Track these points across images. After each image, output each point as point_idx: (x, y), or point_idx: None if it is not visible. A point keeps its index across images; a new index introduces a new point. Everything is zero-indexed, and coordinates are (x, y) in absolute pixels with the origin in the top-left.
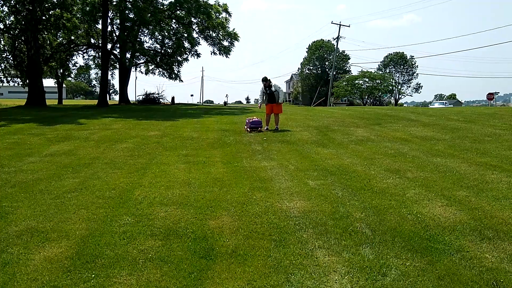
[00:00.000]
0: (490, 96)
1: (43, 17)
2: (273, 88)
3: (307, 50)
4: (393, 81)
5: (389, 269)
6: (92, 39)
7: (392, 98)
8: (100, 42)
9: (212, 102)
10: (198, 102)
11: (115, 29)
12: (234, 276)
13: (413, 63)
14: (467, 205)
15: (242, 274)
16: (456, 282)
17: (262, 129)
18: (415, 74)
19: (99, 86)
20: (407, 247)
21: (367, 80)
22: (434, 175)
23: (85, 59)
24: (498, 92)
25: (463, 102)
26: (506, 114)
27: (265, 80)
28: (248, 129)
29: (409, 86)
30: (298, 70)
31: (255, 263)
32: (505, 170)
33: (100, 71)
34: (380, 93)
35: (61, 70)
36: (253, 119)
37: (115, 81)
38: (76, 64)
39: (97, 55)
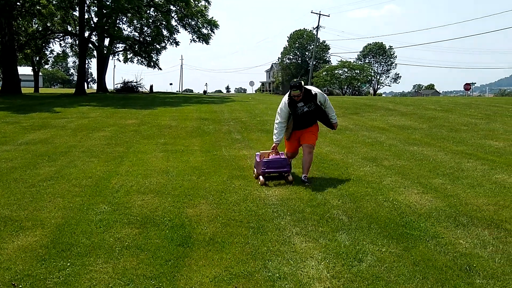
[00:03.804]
0: (467, 86)
1: (18, 3)
2: (318, 101)
3: (287, 39)
4: (372, 71)
5: (365, 255)
6: (69, 26)
7: (371, 88)
8: (77, 29)
9: (191, 91)
10: (177, 91)
11: (92, 16)
12: (212, 263)
13: (391, 53)
14: (443, 192)
15: (220, 261)
16: (431, 267)
17: (289, 177)
18: (393, 65)
19: (76, 74)
20: (383, 234)
21: (346, 70)
22: (410, 163)
23: (62, 46)
24: (475, 83)
25: (441, 92)
26: (482, 104)
27: (298, 88)
28: (261, 177)
29: (388, 77)
30: (278, 60)
31: (233, 250)
32: (480, 158)
33: (77, 59)
34: (359, 83)
35: (37, 58)
36: (271, 156)
37: (93, 70)
38: (53, 52)
39: (74, 42)
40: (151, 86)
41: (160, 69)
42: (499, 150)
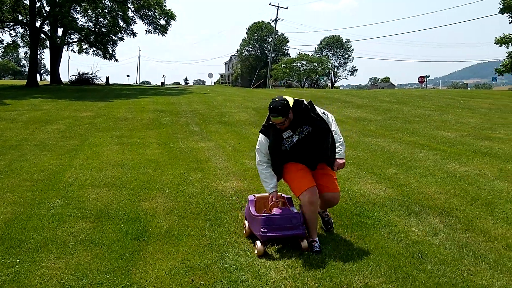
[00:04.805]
0: (421, 79)
1: None
2: (326, 117)
3: (246, 31)
4: (330, 64)
5: (320, 244)
6: (19, 16)
7: (329, 81)
8: (28, 18)
9: (149, 83)
10: (134, 83)
11: (44, 5)
12: (168, 256)
13: (348, 46)
14: (396, 182)
15: (176, 254)
16: (384, 255)
17: (304, 242)
18: (350, 58)
19: (28, 65)
20: (338, 223)
21: (305, 63)
22: (365, 154)
23: (12, 36)
24: (429, 76)
25: (396, 85)
26: (435, 96)
27: (280, 113)
28: (259, 242)
29: (345, 70)
30: (237, 52)
31: (189, 242)
32: (433, 148)
33: (29, 50)
34: (317, 76)
35: None
36: (275, 210)
37: (46, 61)
38: (3, 42)
39: (25, 32)
40: (107, 78)
41: (117, 60)
42: (450, 141)
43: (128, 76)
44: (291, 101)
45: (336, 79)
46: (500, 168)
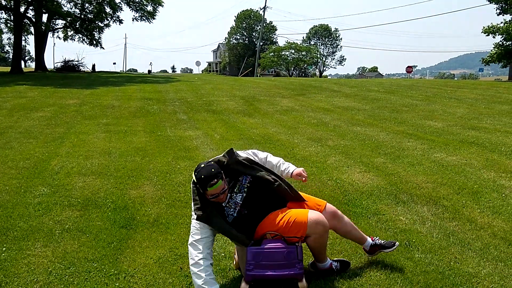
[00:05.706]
0: (409, 69)
1: None
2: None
3: (235, 19)
4: (318, 53)
5: None
6: (3, 1)
7: (317, 70)
8: (12, 3)
9: (136, 70)
10: (121, 71)
11: None
12: (156, 245)
13: (337, 35)
14: (384, 171)
15: (164, 242)
16: None
17: (302, 283)
18: (339, 47)
19: (12, 52)
20: None
21: (293, 51)
22: (353, 143)
23: None
24: (417, 66)
25: (384, 75)
26: (422, 86)
27: (217, 176)
28: (243, 283)
29: (333, 59)
30: (225, 40)
31: (178, 231)
32: (420, 138)
33: (13, 36)
34: (305, 65)
35: None
36: (265, 243)
37: (30, 47)
38: None
39: (9, 18)
40: (94, 66)
41: (103, 48)
42: (438, 130)
43: (114, 63)
44: (218, 166)
45: (324, 68)
46: (487, 157)
